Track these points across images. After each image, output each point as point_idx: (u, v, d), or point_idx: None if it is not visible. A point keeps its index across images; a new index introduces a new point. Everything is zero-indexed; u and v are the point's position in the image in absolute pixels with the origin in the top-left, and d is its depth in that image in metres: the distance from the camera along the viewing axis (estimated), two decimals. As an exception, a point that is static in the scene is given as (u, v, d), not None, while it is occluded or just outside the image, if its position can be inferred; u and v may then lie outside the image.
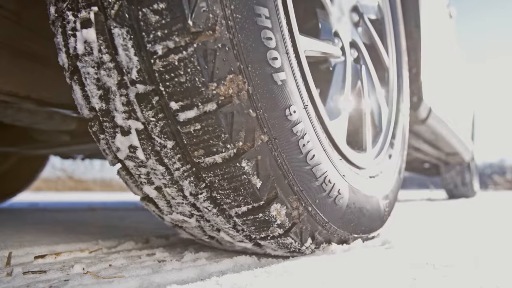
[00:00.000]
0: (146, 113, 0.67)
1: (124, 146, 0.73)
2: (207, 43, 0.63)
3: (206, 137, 0.67)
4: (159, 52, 0.63)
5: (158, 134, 0.69)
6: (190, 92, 0.64)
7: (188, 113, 0.65)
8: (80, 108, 0.77)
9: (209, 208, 0.77)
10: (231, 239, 0.85)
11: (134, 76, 0.65)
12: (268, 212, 0.75)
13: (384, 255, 0.87)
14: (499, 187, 12.88)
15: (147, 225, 1.70)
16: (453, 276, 0.67)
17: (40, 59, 1.15)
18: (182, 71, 0.63)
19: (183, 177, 0.72)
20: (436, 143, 2.82)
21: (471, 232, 1.35)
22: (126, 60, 0.65)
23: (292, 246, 0.83)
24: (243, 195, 0.72)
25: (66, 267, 0.81)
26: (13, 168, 2.92)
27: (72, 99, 0.77)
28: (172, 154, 0.70)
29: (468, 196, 4.83)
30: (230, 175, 0.70)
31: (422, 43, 1.68)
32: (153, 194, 0.80)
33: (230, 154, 0.68)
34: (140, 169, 0.76)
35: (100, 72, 0.68)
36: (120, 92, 0.68)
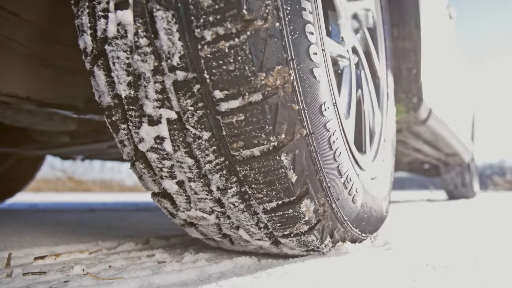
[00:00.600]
0: (184, 101, 0.65)
1: (150, 137, 0.71)
2: (259, 32, 0.62)
3: (248, 129, 0.65)
4: (207, 38, 0.61)
5: (194, 124, 0.66)
6: (237, 81, 0.63)
7: (232, 103, 0.64)
8: (100, 95, 0.74)
9: (235, 204, 0.75)
10: (249, 237, 0.83)
11: (175, 62, 0.63)
12: (298, 208, 0.74)
13: (384, 256, 0.87)
14: (499, 188, 12.88)
15: (147, 226, 1.69)
16: (453, 277, 0.67)
17: (40, 59, 1.15)
18: (232, 58, 0.62)
19: (214, 170, 0.70)
20: (436, 143, 2.82)
21: (471, 233, 1.35)
22: (168, 45, 0.62)
23: (313, 244, 0.82)
24: (276, 190, 0.71)
25: (66, 268, 0.81)
26: (12, 168, 2.92)
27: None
28: (206, 146, 0.68)
29: (468, 197, 4.83)
30: (267, 169, 0.69)
31: (422, 44, 1.68)
32: (173, 189, 0.78)
33: (270, 147, 0.67)
34: (163, 161, 0.73)
35: (133, 57, 0.65)
36: (155, 79, 0.65)
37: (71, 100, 1.24)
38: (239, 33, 0.61)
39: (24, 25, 1.09)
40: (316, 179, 0.76)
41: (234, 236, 0.86)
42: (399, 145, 2.72)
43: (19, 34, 1.09)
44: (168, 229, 1.56)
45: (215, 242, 0.95)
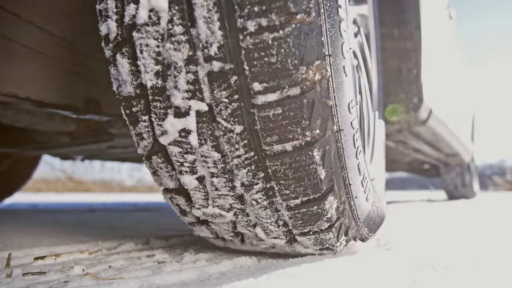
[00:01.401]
0: (218, 93, 0.63)
1: (175, 130, 0.68)
2: (302, 25, 0.62)
3: (284, 123, 0.65)
4: (250, 28, 0.60)
5: (227, 117, 0.65)
6: (278, 73, 0.62)
7: (270, 96, 0.63)
8: (120, 85, 0.71)
9: (258, 201, 0.74)
10: (265, 235, 0.82)
11: (213, 52, 0.61)
12: (322, 205, 0.73)
13: (384, 256, 0.87)
14: (499, 188, 12.88)
15: (147, 226, 1.69)
16: (453, 278, 0.67)
17: (40, 59, 1.15)
18: (275, 51, 0.61)
19: (242, 165, 0.69)
20: (436, 144, 2.82)
21: (471, 233, 1.35)
22: (207, 34, 0.61)
23: (329, 242, 0.82)
24: (304, 186, 0.71)
25: (66, 268, 0.81)
26: (10, 168, 2.92)
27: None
28: (237, 140, 0.67)
29: (468, 197, 4.83)
30: (297, 164, 0.68)
31: (423, 44, 1.68)
32: (192, 185, 0.75)
33: (302, 142, 0.67)
34: (186, 156, 0.71)
35: (164, 45, 0.63)
36: (188, 69, 0.63)
37: (70, 100, 1.24)
38: (283, 25, 0.60)
39: (23, 25, 1.09)
40: (340, 176, 0.76)
41: (248, 234, 0.85)
42: (399, 145, 2.72)
43: (18, 34, 1.09)
44: (168, 229, 1.56)
45: (224, 242, 0.94)
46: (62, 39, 1.19)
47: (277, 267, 0.77)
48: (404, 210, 2.75)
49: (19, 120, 1.45)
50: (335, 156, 0.74)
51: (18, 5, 1.07)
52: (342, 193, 0.78)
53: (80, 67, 1.25)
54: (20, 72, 1.11)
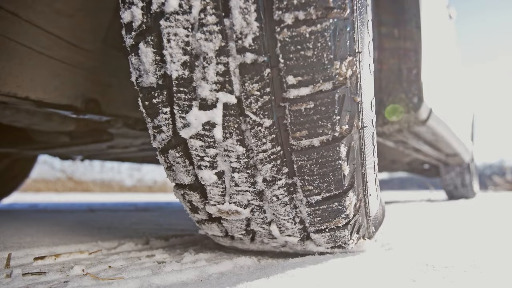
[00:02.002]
0: (250, 86, 0.62)
1: (198, 122, 0.67)
2: (338, 20, 0.62)
3: (315, 117, 0.64)
4: (287, 21, 0.60)
5: (256, 110, 0.64)
6: (313, 67, 0.62)
7: (302, 90, 0.63)
8: (141, 75, 0.69)
9: (279, 197, 0.73)
10: (279, 233, 0.81)
11: (247, 44, 0.60)
12: (343, 202, 0.73)
13: (384, 256, 0.87)
14: (499, 188, 12.87)
15: (146, 226, 1.69)
16: (452, 277, 0.67)
17: (39, 58, 1.15)
18: (312, 44, 0.61)
19: (267, 160, 0.68)
20: (436, 144, 2.82)
21: (470, 233, 1.35)
22: (242, 25, 0.60)
23: (342, 239, 0.81)
24: (328, 182, 0.70)
25: (66, 268, 0.81)
26: (8, 168, 2.92)
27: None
28: (265, 134, 0.66)
29: (468, 197, 4.83)
30: (324, 160, 0.68)
31: (423, 44, 1.68)
32: (211, 180, 0.73)
33: (330, 137, 0.66)
34: (207, 150, 0.70)
35: (195, 35, 0.62)
36: (218, 60, 0.62)
37: (70, 100, 1.24)
38: (320, 19, 0.60)
39: (23, 24, 1.09)
40: (360, 173, 0.76)
41: (261, 232, 0.83)
42: (399, 145, 2.72)
43: (17, 34, 1.09)
44: (168, 230, 1.56)
45: (231, 241, 0.92)
46: (61, 38, 1.19)
47: (277, 267, 0.77)
48: (404, 210, 2.75)
49: (19, 120, 1.45)
50: (357, 152, 0.74)
51: (18, 5, 1.07)
52: (360, 190, 0.78)
53: (79, 67, 1.25)
54: (20, 71, 1.11)
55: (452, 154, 3.66)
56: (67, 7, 1.19)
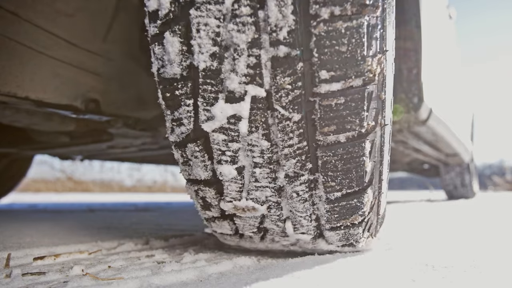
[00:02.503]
0: (282, 79, 0.62)
1: (223, 116, 0.66)
2: (372, 18, 0.63)
3: (345, 113, 0.65)
4: (323, 16, 0.60)
5: (286, 104, 0.63)
6: (347, 63, 0.62)
7: (334, 85, 0.63)
8: (164, 65, 0.68)
9: (300, 193, 0.72)
10: (293, 231, 0.80)
11: (282, 37, 0.60)
12: (362, 198, 0.73)
13: (384, 256, 0.87)
14: (499, 188, 12.87)
15: (146, 226, 1.69)
16: (452, 277, 0.67)
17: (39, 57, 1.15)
18: (347, 40, 0.61)
19: (292, 156, 0.68)
20: (436, 144, 2.82)
21: (470, 233, 1.35)
22: (277, 18, 0.59)
23: (354, 237, 0.81)
24: (350, 178, 0.70)
25: (65, 268, 0.80)
26: (7, 168, 2.92)
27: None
28: (293, 129, 0.65)
29: (467, 197, 4.83)
30: (349, 156, 0.68)
31: (423, 44, 1.68)
32: (230, 176, 0.72)
33: (355, 134, 0.67)
34: (230, 144, 0.68)
35: (227, 26, 0.61)
36: (250, 52, 0.61)
37: (70, 100, 1.24)
38: (355, 15, 0.61)
39: (23, 24, 1.09)
40: (378, 170, 0.76)
41: (274, 230, 0.82)
42: (399, 145, 2.72)
43: (17, 33, 1.09)
44: (167, 230, 1.56)
45: (239, 239, 0.90)
46: (61, 38, 1.18)
47: (277, 267, 0.76)
48: (404, 210, 2.75)
49: (18, 120, 1.45)
50: (378, 150, 0.74)
51: (18, 4, 1.07)
52: (376, 187, 0.78)
53: (80, 66, 1.25)
54: (19, 71, 1.11)
55: (452, 154, 3.66)
56: (67, 7, 1.19)
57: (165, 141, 1.95)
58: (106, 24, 1.31)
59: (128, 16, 1.38)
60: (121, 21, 1.36)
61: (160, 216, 2.41)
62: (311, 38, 0.61)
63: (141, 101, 1.49)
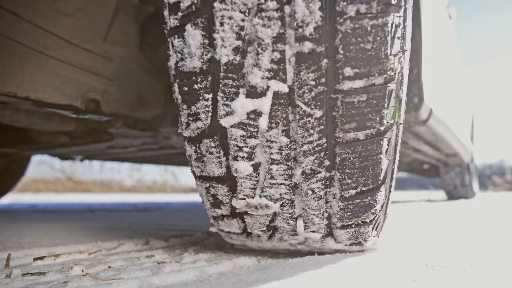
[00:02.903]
0: (305, 75, 0.62)
1: (243, 111, 0.65)
2: (395, 17, 0.63)
3: (366, 110, 0.65)
4: (350, 13, 0.60)
5: (309, 100, 0.63)
6: (370, 61, 0.63)
7: (356, 83, 0.63)
8: (184, 58, 0.67)
9: (315, 190, 0.72)
10: (304, 229, 0.79)
11: (308, 33, 0.60)
12: (376, 196, 0.73)
13: (384, 256, 0.87)
14: (499, 188, 12.86)
15: (146, 227, 1.69)
16: (452, 277, 0.67)
17: (39, 57, 1.15)
18: (372, 38, 0.62)
19: (311, 152, 0.67)
20: (436, 144, 2.82)
21: (470, 233, 1.35)
22: (304, 13, 0.59)
23: (363, 236, 0.81)
24: (367, 175, 0.70)
25: (65, 268, 0.80)
26: (6, 168, 2.92)
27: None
28: (314, 125, 0.65)
29: (467, 197, 4.83)
30: (367, 153, 0.68)
31: (423, 44, 1.68)
32: (246, 172, 0.71)
33: (374, 131, 0.67)
34: (248, 140, 0.67)
35: (252, 20, 0.60)
36: (275, 47, 0.61)
37: (70, 100, 1.24)
38: (380, 14, 0.61)
39: (23, 24, 1.09)
40: (391, 168, 0.76)
41: (283, 228, 0.80)
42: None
43: (17, 33, 1.09)
44: (167, 230, 1.56)
45: (245, 239, 0.88)
46: (61, 38, 1.18)
47: (277, 267, 0.76)
48: (404, 210, 2.75)
49: (18, 120, 1.45)
50: (393, 148, 0.75)
51: (18, 4, 1.07)
52: (387, 186, 0.78)
53: (80, 66, 1.25)
54: (19, 71, 1.11)
55: (452, 154, 3.66)
56: (67, 7, 1.19)
57: (165, 141, 1.94)
58: (106, 24, 1.31)
59: (128, 16, 1.38)
60: (121, 21, 1.36)
61: (160, 216, 2.41)
62: (336, 35, 0.61)
63: (141, 101, 1.49)
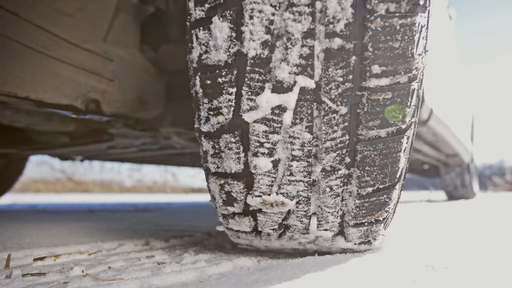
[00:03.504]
0: (334, 71, 0.62)
1: (268, 106, 0.64)
2: (421, 17, 0.64)
3: (390, 108, 0.65)
4: (380, 11, 0.60)
5: (335, 97, 0.63)
6: (398, 59, 0.63)
7: (382, 81, 0.64)
8: (208, 51, 0.66)
9: (334, 188, 0.71)
10: (316, 227, 0.78)
11: (338, 29, 0.60)
12: (391, 194, 0.74)
13: (383, 257, 0.87)
14: (499, 189, 12.86)
15: (146, 227, 1.69)
16: (452, 278, 0.67)
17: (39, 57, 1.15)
18: (400, 36, 0.62)
19: (333, 149, 0.67)
20: (436, 144, 2.82)
21: (470, 234, 1.35)
22: (336, 10, 0.60)
23: (374, 234, 0.81)
24: (385, 173, 0.71)
25: (65, 269, 0.80)
26: (5, 168, 2.92)
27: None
28: (338, 122, 0.65)
29: (467, 197, 4.83)
30: (387, 151, 0.69)
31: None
32: (266, 169, 0.69)
33: (394, 129, 0.67)
34: (270, 136, 0.66)
35: (282, 14, 0.60)
36: (304, 42, 0.61)
37: (70, 100, 1.24)
38: (409, 13, 0.62)
39: (23, 24, 1.09)
40: (405, 167, 0.77)
41: (295, 227, 0.79)
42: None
43: (18, 33, 1.09)
44: (167, 230, 1.56)
45: (253, 238, 0.86)
46: (61, 38, 1.18)
47: (277, 268, 0.76)
48: (404, 211, 2.75)
49: (18, 120, 1.45)
50: (409, 146, 0.75)
51: (18, 4, 1.07)
52: (400, 184, 0.78)
53: (80, 66, 1.25)
54: (20, 71, 1.11)
55: (452, 155, 3.66)
56: (68, 7, 1.19)
57: (165, 141, 1.94)
58: (107, 24, 1.31)
59: (129, 16, 1.38)
60: (122, 21, 1.36)
61: (160, 216, 2.41)
62: (366, 32, 0.61)
63: (141, 101, 1.49)
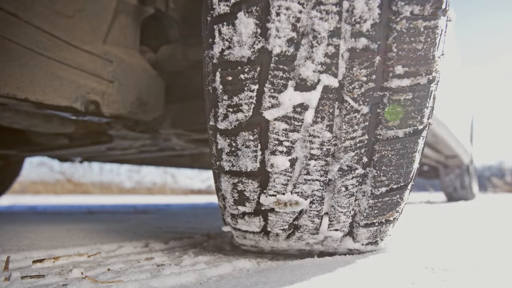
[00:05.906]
0: (358, 71, 0.62)
1: (290, 104, 0.64)
2: (443, 21, 0.65)
3: (410, 108, 0.66)
4: (405, 13, 0.61)
5: (357, 96, 0.64)
6: (420, 61, 0.64)
7: (404, 81, 0.64)
8: (232, 46, 0.65)
9: (349, 187, 0.71)
10: (327, 227, 0.78)
11: (364, 29, 0.61)
12: (403, 194, 0.74)
13: (383, 258, 0.87)
14: (498, 190, 12.85)
15: (146, 229, 1.69)
16: (451, 280, 0.67)
17: (39, 59, 1.15)
18: (423, 38, 0.63)
19: (352, 148, 0.67)
20: (436, 145, 2.82)
21: (470, 235, 1.35)
22: (363, 10, 0.60)
23: (382, 235, 0.82)
24: (400, 173, 0.71)
25: (65, 271, 0.80)
26: (3, 170, 2.92)
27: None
28: (359, 121, 0.65)
29: (467, 199, 4.83)
30: (404, 151, 0.69)
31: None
32: (283, 167, 0.68)
33: (412, 130, 0.68)
34: (290, 134, 0.66)
35: (309, 12, 0.60)
36: (330, 41, 0.61)
37: (70, 101, 1.24)
38: (431, 16, 0.63)
39: (22, 25, 1.09)
40: (417, 167, 0.77)
41: (306, 227, 0.78)
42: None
43: (17, 35, 1.09)
44: (167, 232, 1.55)
45: (261, 238, 0.85)
46: (61, 40, 1.18)
47: (276, 270, 0.76)
48: (403, 212, 2.75)
49: (18, 122, 1.45)
50: (423, 147, 0.76)
51: (17, 6, 1.07)
52: (411, 185, 0.79)
53: (79, 68, 1.25)
54: (19, 73, 1.11)
55: (451, 156, 3.66)
56: (67, 8, 1.19)
57: (165, 143, 1.94)
58: (106, 26, 1.31)
59: (128, 18, 1.38)
60: (121, 23, 1.36)
61: (160, 218, 2.41)
62: (391, 33, 0.62)
63: (141, 102, 1.49)
